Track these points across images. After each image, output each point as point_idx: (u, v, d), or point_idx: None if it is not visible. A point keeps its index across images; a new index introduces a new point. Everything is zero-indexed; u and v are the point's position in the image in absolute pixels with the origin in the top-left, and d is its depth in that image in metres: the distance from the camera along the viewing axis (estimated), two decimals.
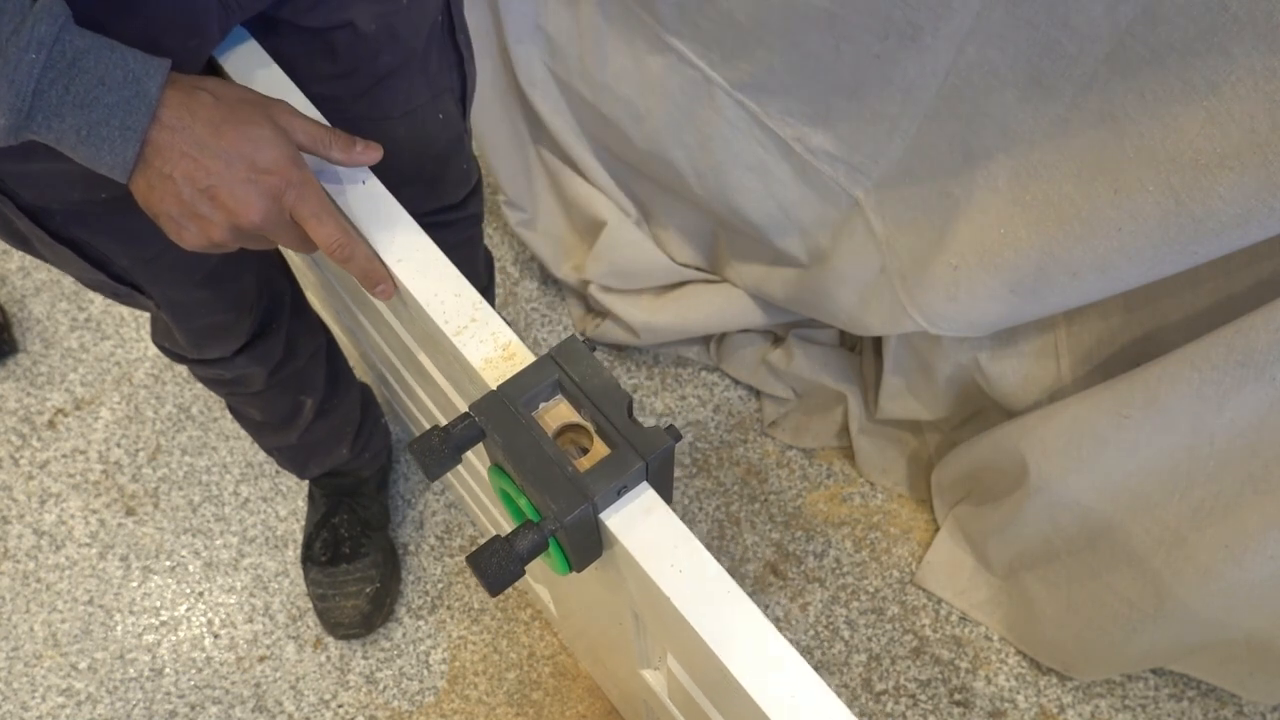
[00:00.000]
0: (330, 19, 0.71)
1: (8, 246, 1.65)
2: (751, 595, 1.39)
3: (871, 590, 1.39)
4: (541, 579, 1.15)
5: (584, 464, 0.53)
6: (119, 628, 1.38)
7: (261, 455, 1.48)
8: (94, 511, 1.46)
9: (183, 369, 1.55)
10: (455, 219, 0.98)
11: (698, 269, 1.43)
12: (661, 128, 1.18)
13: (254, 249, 0.62)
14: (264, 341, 0.95)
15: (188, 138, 0.54)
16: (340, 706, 1.33)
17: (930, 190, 1.03)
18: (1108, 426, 1.00)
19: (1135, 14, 0.77)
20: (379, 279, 0.61)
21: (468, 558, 0.51)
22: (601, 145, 1.36)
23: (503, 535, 0.51)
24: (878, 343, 1.37)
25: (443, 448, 0.53)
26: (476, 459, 0.85)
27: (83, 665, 1.36)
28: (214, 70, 0.70)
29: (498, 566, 0.50)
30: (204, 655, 1.37)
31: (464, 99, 0.89)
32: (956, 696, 1.33)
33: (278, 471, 1.48)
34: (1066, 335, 1.10)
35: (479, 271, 1.14)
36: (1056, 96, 0.87)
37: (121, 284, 0.79)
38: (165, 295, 0.81)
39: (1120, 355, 1.06)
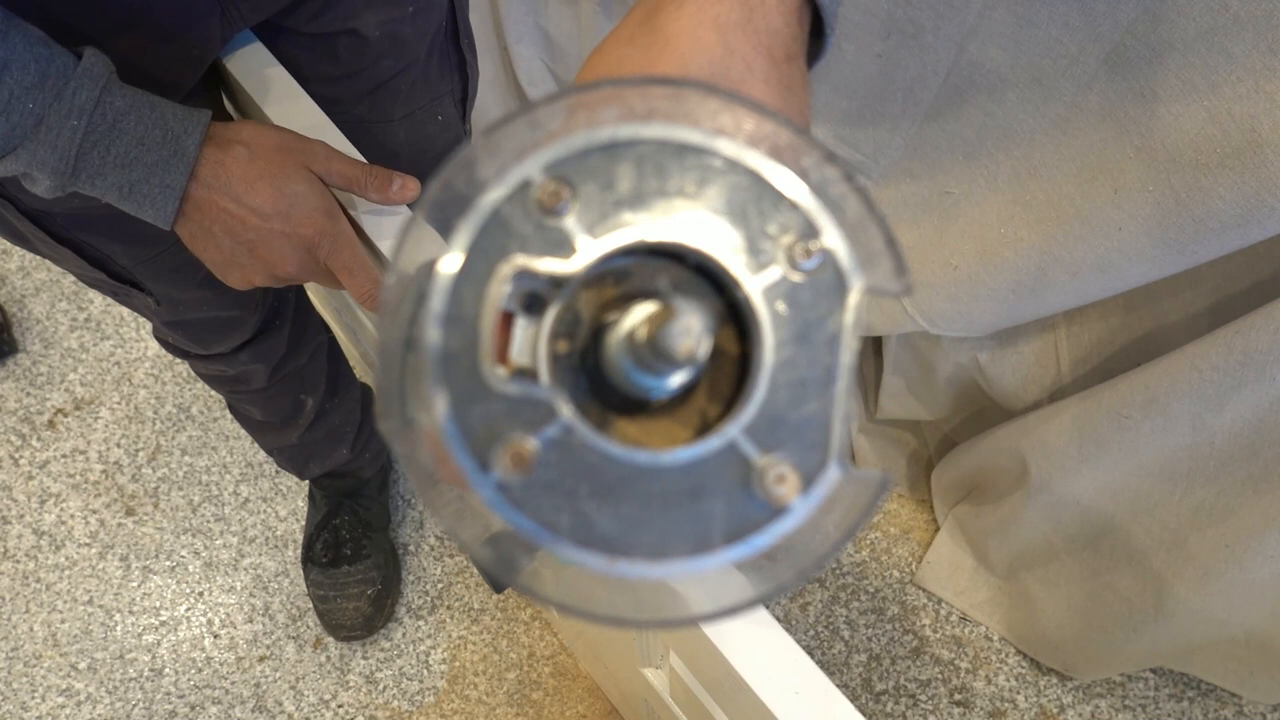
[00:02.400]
0: (334, 26, 0.72)
1: (8, 246, 1.65)
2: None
3: (871, 590, 1.39)
4: None
5: None
6: (119, 628, 1.38)
7: (261, 455, 1.48)
8: (94, 511, 1.46)
9: (183, 369, 1.55)
10: None
11: None
12: None
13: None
14: (267, 339, 0.95)
15: (225, 194, 0.55)
16: (340, 706, 1.33)
17: (930, 190, 1.03)
18: (1108, 426, 1.00)
19: (1135, 14, 0.77)
20: None
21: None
22: None
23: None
24: (877, 343, 1.37)
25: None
26: None
27: (82, 665, 1.36)
28: (217, 73, 0.70)
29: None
30: (204, 655, 1.37)
31: (464, 101, 0.90)
32: (956, 696, 1.33)
33: (278, 472, 1.48)
34: (1066, 335, 1.10)
35: None
36: (1056, 96, 0.87)
37: (122, 282, 0.79)
38: (166, 293, 0.82)
39: (1120, 355, 1.06)
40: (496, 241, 0.25)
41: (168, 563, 1.43)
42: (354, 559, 1.34)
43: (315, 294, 1.13)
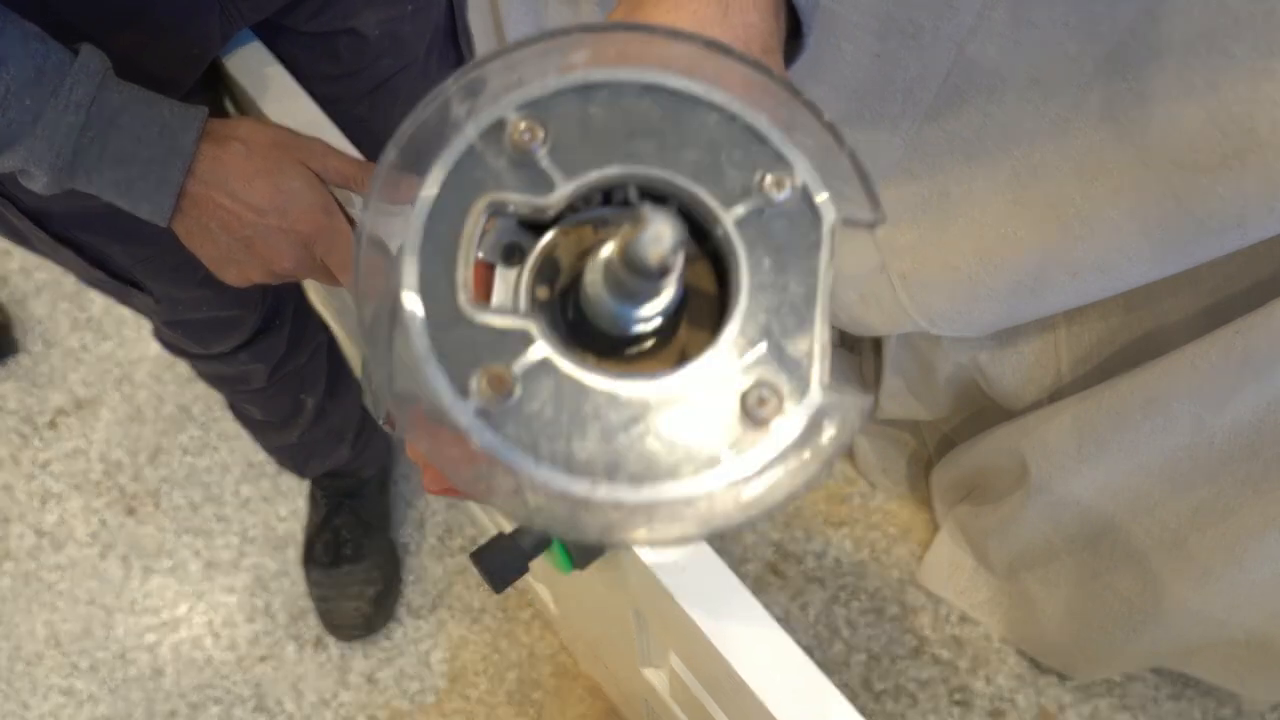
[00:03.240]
0: (334, 25, 0.72)
1: (9, 246, 1.65)
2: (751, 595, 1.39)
3: (871, 590, 1.39)
4: (542, 578, 1.15)
5: None
6: (120, 627, 1.38)
7: (262, 455, 1.48)
8: (95, 511, 1.46)
9: (184, 369, 1.55)
10: None
11: None
12: None
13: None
14: (266, 338, 0.95)
15: (221, 190, 0.55)
16: (341, 706, 1.33)
17: (930, 190, 1.03)
18: (1108, 426, 1.00)
19: (1135, 14, 0.77)
20: None
21: (471, 554, 0.51)
22: None
23: (506, 533, 0.51)
24: (877, 343, 1.37)
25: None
26: None
27: (84, 665, 1.36)
28: (217, 72, 0.70)
29: (502, 564, 0.50)
30: (204, 655, 1.37)
31: None
32: (956, 696, 1.33)
33: (278, 472, 1.48)
34: (1066, 335, 1.10)
35: None
36: (1056, 96, 0.87)
37: (121, 281, 0.79)
38: (166, 292, 0.82)
39: (1120, 355, 1.06)
40: (472, 178, 0.25)
41: (168, 562, 1.43)
42: (354, 559, 1.35)
43: (315, 294, 1.13)
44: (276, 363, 0.99)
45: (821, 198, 0.26)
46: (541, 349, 0.25)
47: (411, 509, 1.46)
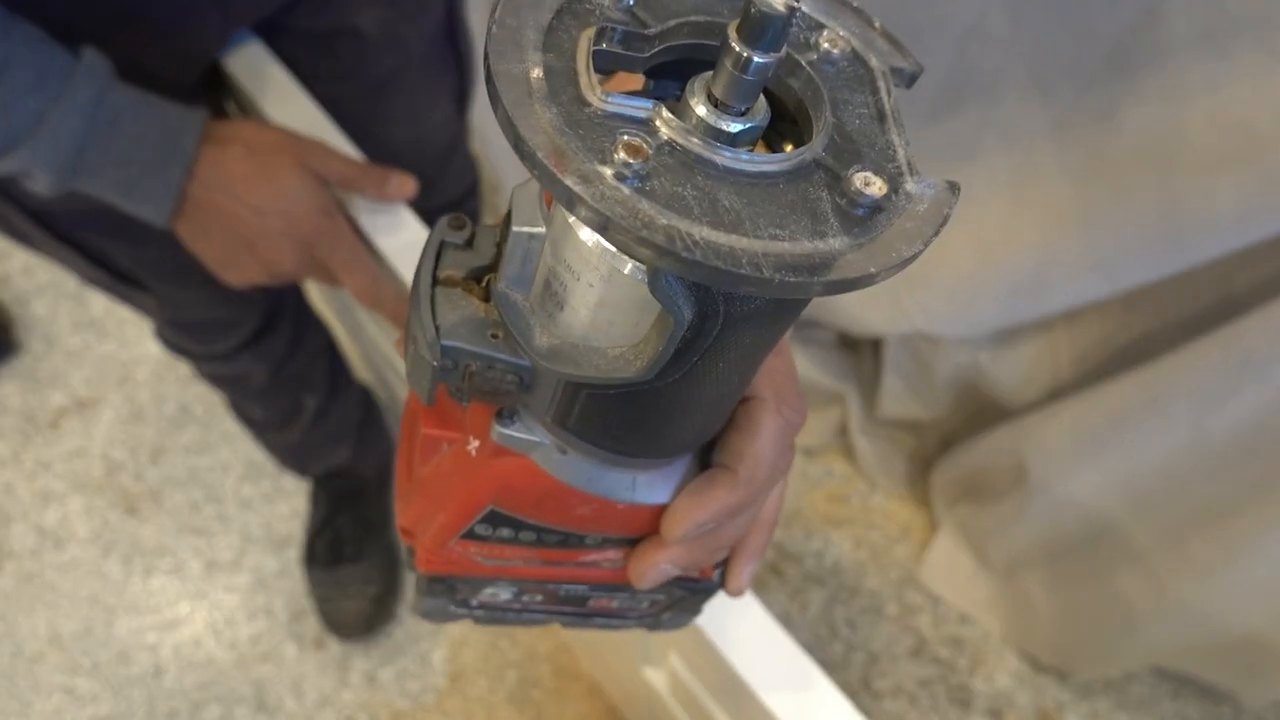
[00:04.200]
0: (333, 24, 0.72)
1: (10, 247, 1.65)
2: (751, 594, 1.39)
3: (871, 590, 1.40)
4: None
5: None
6: (121, 627, 1.39)
7: (263, 455, 1.48)
8: (96, 511, 1.46)
9: (185, 369, 1.55)
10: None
11: None
12: None
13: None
14: (267, 339, 0.95)
15: (223, 192, 0.56)
16: (341, 706, 1.33)
17: None
18: (1108, 426, 1.00)
19: (1135, 14, 0.77)
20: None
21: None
22: None
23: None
24: (877, 343, 1.37)
25: None
26: None
27: (85, 664, 1.36)
28: (218, 72, 0.70)
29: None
30: (205, 654, 1.37)
31: (463, 99, 0.90)
32: (956, 696, 1.33)
33: (279, 472, 1.48)
34: (1066, 335, 1.10)
35: None
36: (1056, 96, 0.87)
37: (124, 281, 0.79)
38: (168, 293, 0.82)
39: (1120, 355, 1.06)
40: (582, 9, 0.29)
41: (170, 562, 1.43)
42: (355, 559, 1.35)
43: (315, 294, 1.13)
44: (277, 363, 0.99)
45: (865, 49, 0.31)
46: (669, 124, 0.27)
47: None
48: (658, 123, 0.27)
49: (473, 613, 0.46)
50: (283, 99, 0.68)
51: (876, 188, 0.27)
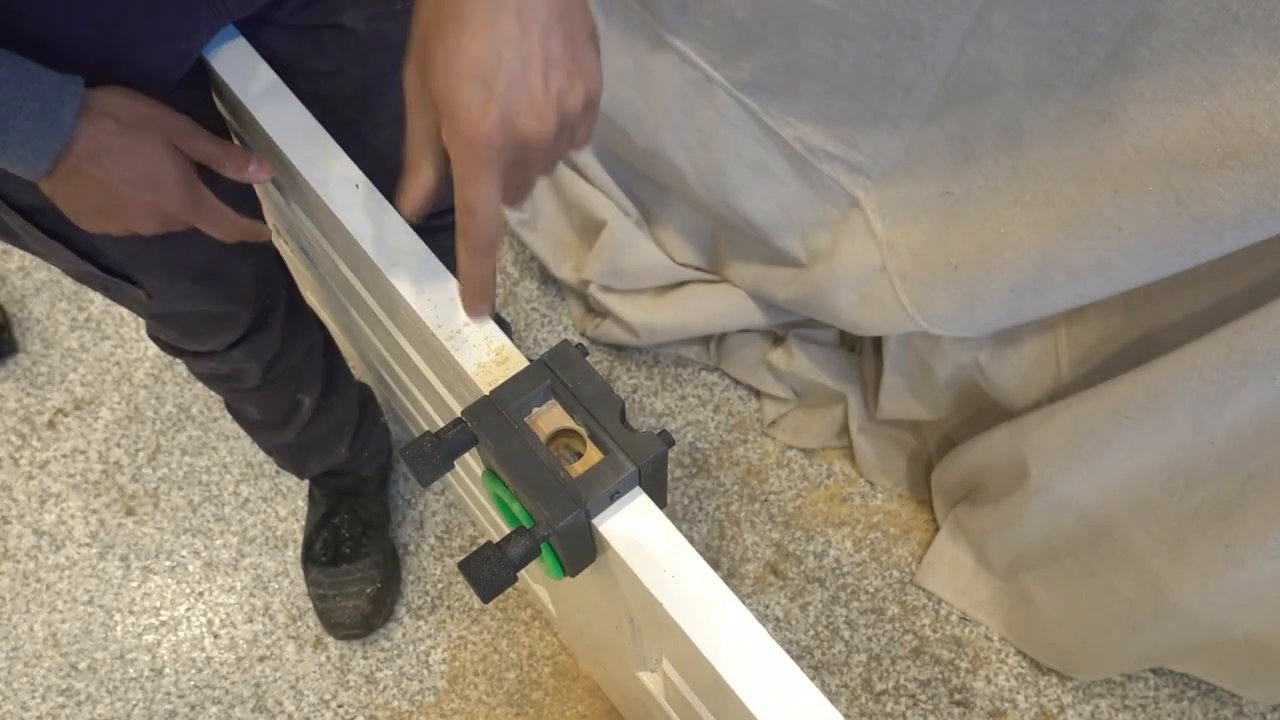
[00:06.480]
0: (320, 20, 0.72)
1: (8, 246, 1.65)
2: (751, 595, 1.39)
3: (871, 590, 1.39)
4: (540, 580, 1.15)
5: (577, 469, 0.53)
6: (119, 628, 1.39)
7: (261, 455, 1.48)
8: (94, 511, 1.46)
9: (183, 369, 1.55)
10: (447, 222, 0.98)
11: (698, 269, 1.42)
12: (662, 127, 1.18)
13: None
14: (259, 335, 0.95)
15: (94, 163, 0.59)
16: (340, 706, 1.33)
17: (930, 190, 1.03)
18: (1108, 426, 0.99)
19: (1135, 14, 0.77)
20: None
21: (460, 564, 0.51)
22: (601, 145, 1.36)
23: (494, 541, 0.51)
24: (877, 343, 1.37)
25: (434, 453, 0.53)
26: (474, 461, 0.84)
27: (83, 665, 1.36)
28: (204, 69, 0.70)
29: (490, 573, 0.50)
30: (204, 655, 1.37)
31: None
32: (956, 696, 1.32)
33: (277, 471, 1.48)
34: (1066, 335, 1.10)
35: None
36: (1056, 96, 0.86)
37: (113, 275, 0.79)
38: (157, 286, 0.82)
39: (1120, 355, 1.05)
40: None
41: (168, 563, 1.43)
42: (353, 558, 1.34)
43: (309, 292, 1.13)
44: (270, 360, 0.99)
45: None
46: None
47: (411, 509, 1.45)
48: None
49: None
50: (270, 99, 0.68)
51: None
